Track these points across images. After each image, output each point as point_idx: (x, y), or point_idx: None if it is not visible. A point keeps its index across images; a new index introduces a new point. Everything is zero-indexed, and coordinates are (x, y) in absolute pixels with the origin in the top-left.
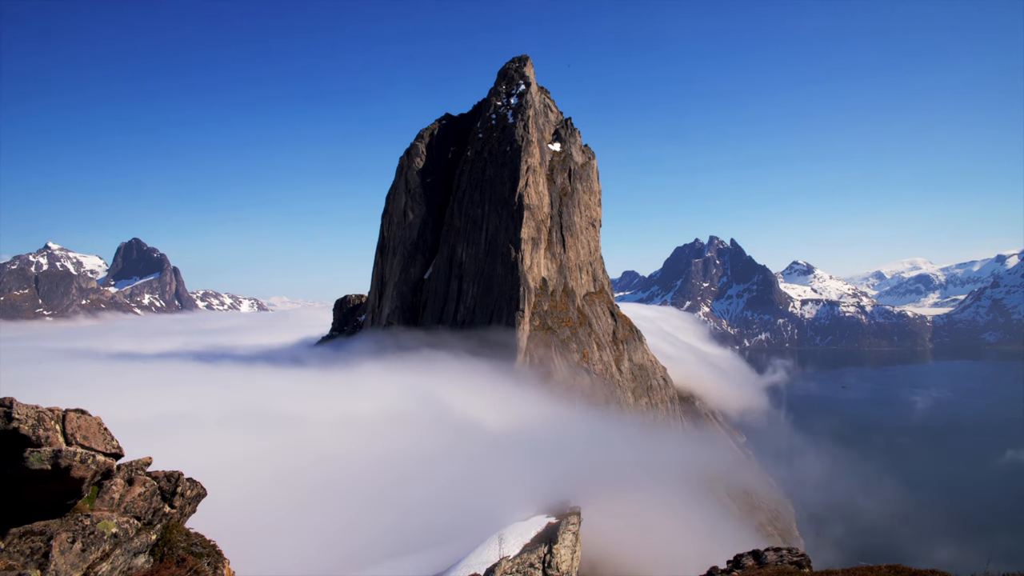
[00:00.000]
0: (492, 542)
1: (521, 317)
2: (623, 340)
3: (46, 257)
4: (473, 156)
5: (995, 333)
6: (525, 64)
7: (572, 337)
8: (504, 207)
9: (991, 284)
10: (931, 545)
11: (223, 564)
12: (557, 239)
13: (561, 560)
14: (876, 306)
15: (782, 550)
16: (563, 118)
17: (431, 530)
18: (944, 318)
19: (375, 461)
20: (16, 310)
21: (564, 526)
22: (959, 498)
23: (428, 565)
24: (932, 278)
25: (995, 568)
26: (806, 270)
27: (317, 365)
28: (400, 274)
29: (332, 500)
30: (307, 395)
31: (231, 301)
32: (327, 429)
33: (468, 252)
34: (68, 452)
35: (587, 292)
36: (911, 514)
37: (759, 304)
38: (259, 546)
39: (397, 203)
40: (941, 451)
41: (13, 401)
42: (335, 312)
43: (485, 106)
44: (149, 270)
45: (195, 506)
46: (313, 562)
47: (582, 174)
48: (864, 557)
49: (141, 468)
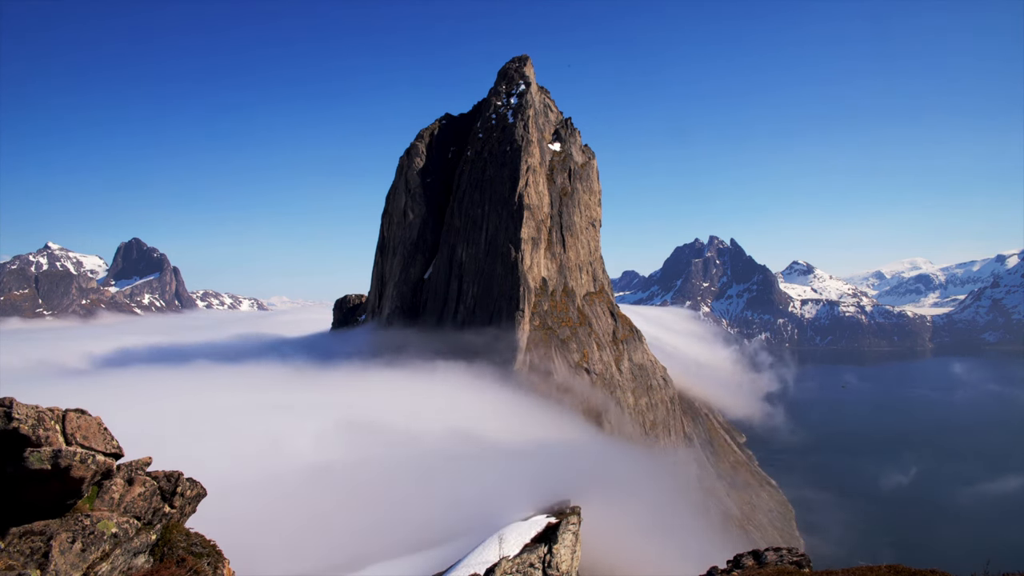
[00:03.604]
0: (492, 542)
1: (521, 317)
2: (623, 340)
3: (46, 257)
4: (473, 156)
5: (995, 333)
6: (525, 64)
7: (572, 337)
8: (504, 207)
9: (991, 284)
10: (931, 545)
11: (223, 564)
12: (557, 239)
13: (561, 560)
14: (876, 306)
15: (782, 550)
16: (563, 118)
17: (431, 530)
18: (944, 318)
19: (375, 462)
20: (16, 310)
21: (564, 526)
22: (959, 498)
23: (428, 565)
24: (932, 278)
25: (995, 568)
26: (806, 270)
27: (314, 365)
28: (400, 274)
29: (332, 501)
30: (306, 396)
31: (231, 301)
32: (328, 429)
33: (468, 252)
34: (68, 452)
35: (587, 292)
36: (911, 514)
37: (759, 304)
38: (259, 546)
39: (397, 203)
40: (941, 451)
41: (13, 401)
42: (335, 312)
43: (485, 106)
44: (149, 270)
45: (195, 506)
46: (313, 562)
47: (582, 174)
48: (864, 557)
49: (141, 468)
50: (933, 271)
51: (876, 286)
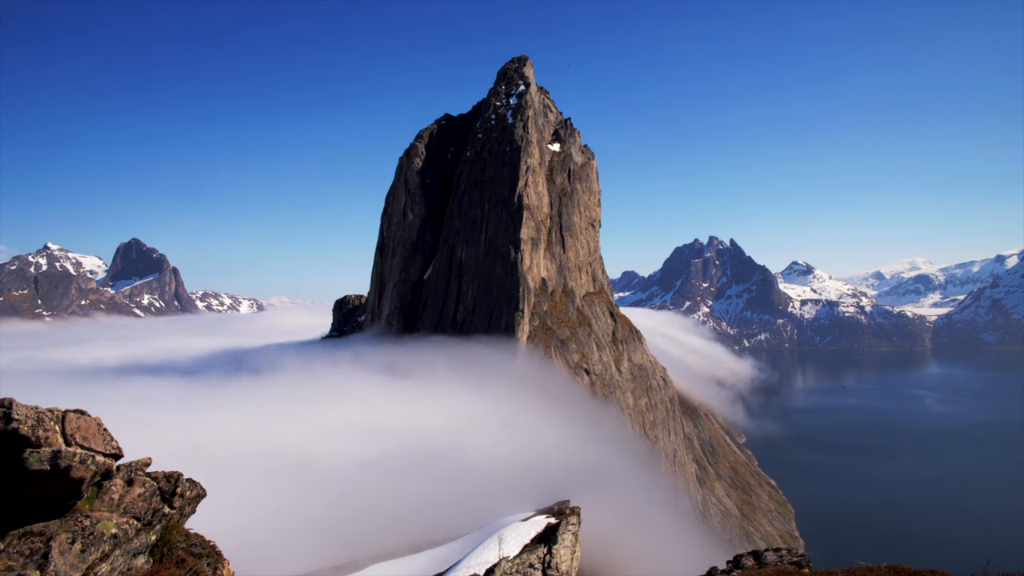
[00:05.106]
0: (492, 542)
1: (521, 317)
2: (623, 340)
3: (45, 257)
4: (473, 156)
5: (994, 333)
6: (524, 64)
7: (572, 337)
8: (504, 207)
9: (991, 284)
10: (931, 545)
11: (223, 564)
12: (557, 239)
13: (561, 560)
14: (876, 306)
15: (782, 550)
16: (562, 118)
17: (431, 530)
18: (944, 318)
19: (375, 462)
20: (15, 310)
21: (564, 526)
22: (959, 498)
23: (428, 565)
24: (932, 278)
25: (995, 568)
26: (806, 270)
27: (318, 366)
28: (400, 274)
29: (332, 501)
30: (306, 396)
31: (231, 301)
32: (328, 430)
33: (468, 252)
34: (68, 452)
35: (587, 292)
36: (910, 514)
37: (759, 304)
38: (259, 546)
39: (397, 203)
40: (941, 450)
41: (12, 402)
42: (335, 312)
43: (485, 106)
44: (148, 270)
45: (195, 507)
46: (313, 562)
47: (581, 174)
48: (864, 557)
49: (141, 469)
50: (933, 271)
51: (876, 286)
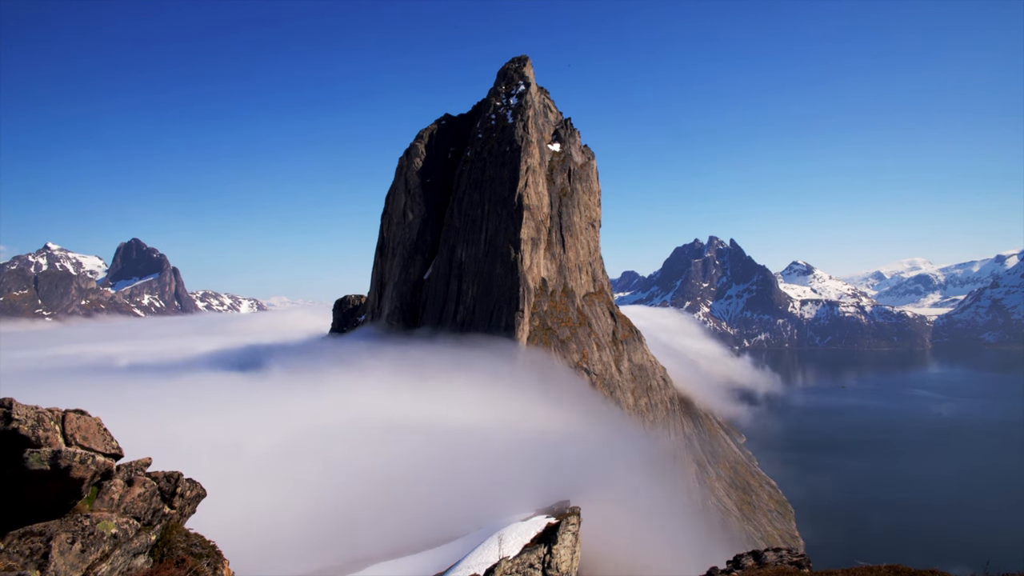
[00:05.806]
0: (492, 542)
1: (521, 317)
2: (623, 340)
3: (46, 257)
4: (473, 156)
5: (995, 333)
6: (525, 64)
7: (572, 337)
8: (504, 207)
9: (991, 284)
10: (931, 545)
11: (223, 564)
12: (557, 239)
13: (561, 560)
14: (876, 306)
15: (782, 550)
16: (563, 118)
17: (431, 530)
18: (944, 318)
19: (375, 463)
20: (15, 310)
21: (564, 526)
22: (959, 497)
23: (428, 565)
24: (932, 278)
25: (995, 568)
26: (805, 270)
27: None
28: (400, 274)
29: (332, 501)
30: (305, 396)
31: (231, 301)
32: (328, 430)
33: (468, 252)
34: (68, 452)
35: (587, 292)
36: (910, 514)
37: (759, 304)
38: (259, 546)
39: (397, 203)
40: (940, 450)
41: (12, 402)
42: (335, 312)
43: (485, 106)
44: (149, 270)
45: (195, 507)
46: (313, 563)
47: (582, 174)
48: (864, 557)
49: (141, 469)
50: (933, 271)
51: (876, 286)
